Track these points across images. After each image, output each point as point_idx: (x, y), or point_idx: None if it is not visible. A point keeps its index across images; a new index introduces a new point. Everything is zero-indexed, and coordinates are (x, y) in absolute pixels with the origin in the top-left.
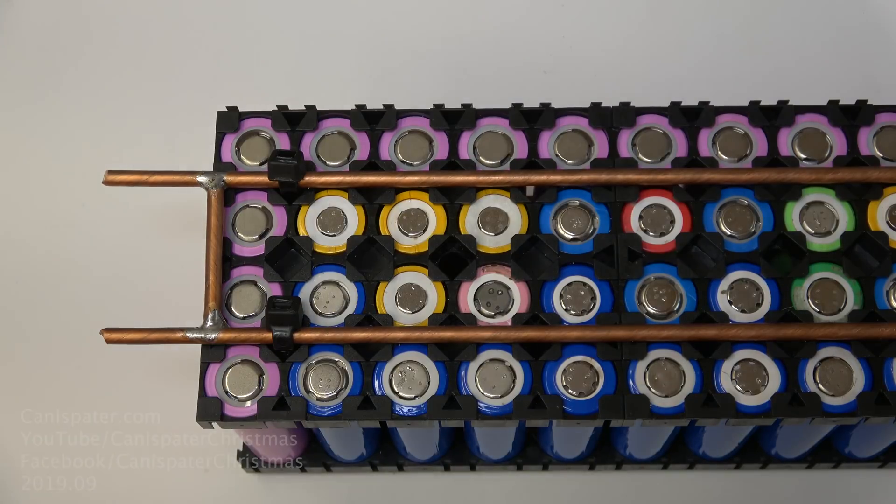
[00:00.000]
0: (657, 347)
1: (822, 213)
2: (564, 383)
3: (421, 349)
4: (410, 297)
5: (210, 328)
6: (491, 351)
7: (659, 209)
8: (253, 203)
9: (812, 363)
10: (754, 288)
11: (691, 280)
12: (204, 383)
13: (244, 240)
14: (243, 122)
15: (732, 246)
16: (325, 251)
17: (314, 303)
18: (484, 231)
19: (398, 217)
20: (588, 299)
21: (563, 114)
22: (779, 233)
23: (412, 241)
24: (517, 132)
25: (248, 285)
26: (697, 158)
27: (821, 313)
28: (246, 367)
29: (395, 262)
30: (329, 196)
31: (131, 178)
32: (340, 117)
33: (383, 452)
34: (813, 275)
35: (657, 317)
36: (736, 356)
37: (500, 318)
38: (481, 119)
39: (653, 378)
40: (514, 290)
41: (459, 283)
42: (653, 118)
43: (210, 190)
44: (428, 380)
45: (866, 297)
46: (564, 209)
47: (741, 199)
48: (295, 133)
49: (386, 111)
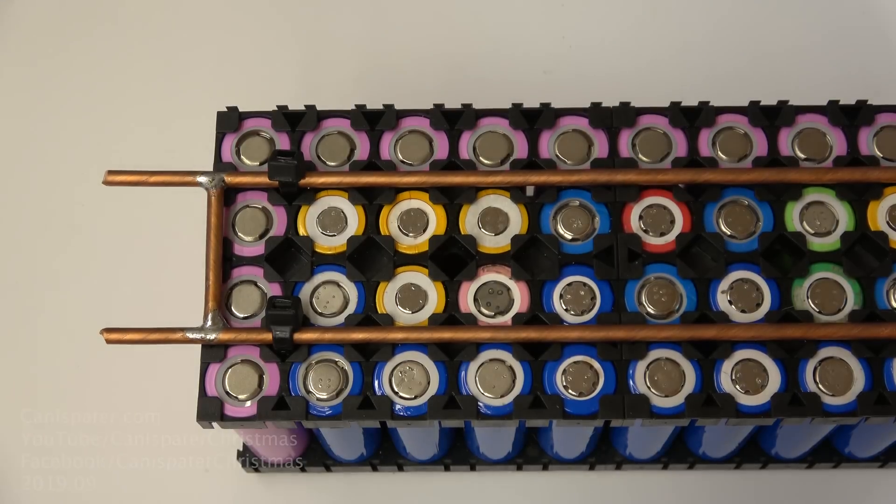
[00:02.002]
0: (657, 347)
1: (822, 213)
2: (564, 383)
3: (421, 349)
4: (410, 297)
5: (210, 328)
6: (491, 351)
7: (659, 209)
8: (253, 203)
9: (812, 363)
10: (754, 288)
11: (691, 280)
12: (204, 383)
13: (244, 240)
14: (243, 122)
15: (732, 246)
16: (325, 251)
17: (314, 303)
18: (484, 231)
19: (398, 217)
20: (588, 299)
21: (563, 114)
22: (779, 233)
23: (412, 240)
24: (517, 132)
25: (248, 285)
26: (697, 158)
27: (821, 313)
28: (246, 367)
29: (395, 262)
30: (329, 196)
31: (131, 178)
32: (340, 117)
33: (383, 452)
34: (813, 275)
35: (657, 317)
36: (736, 356)
37: (500, 317)
38: (481, 119)
39: (653, 378)
40: (514, 290)
41: (459, 283)
42: (653, 118)
43: (210, 190)
44: (428, 380)
45: (866, 297)
46: (564, 209)
47: (741, 199)
48: (295, 133)
49: (386, 111)
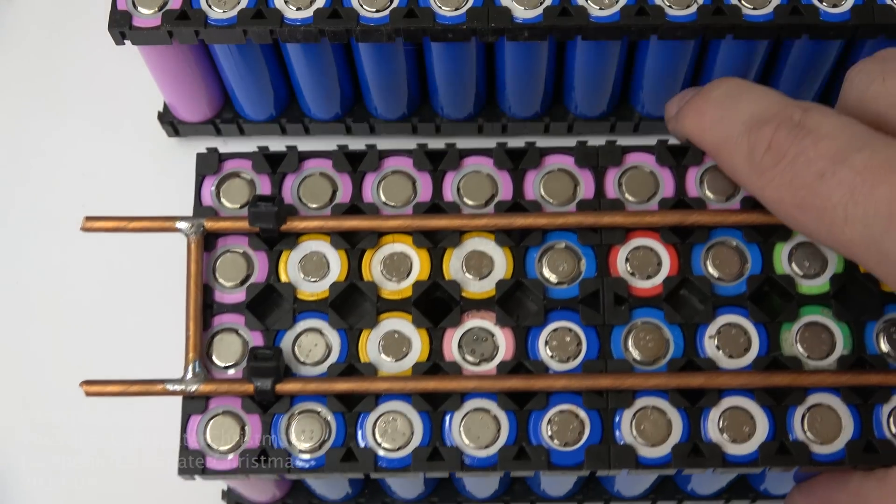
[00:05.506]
0: (644, 395)
1: (811, 255)
2: (550, 433)
3: (405, 399)
4: (394, 345)
5: (190, 380)
6: (476, 400)
7: (646, 251)
8: (234, 248)
9: (801, 410)
10: (742, 332)
11: (678, 325)
12: (185, 435)
13: (225, 286)
14: (223, 164)
15: (720, 289)
16: (307, 297)
17: (296, 351)
18: (468, 275)
19: (381, 261)
20: (574, 345)
21: (548, 152)
22: (767, 275)
23: (395, 286)
24: (501, 172)
25: (229, 333)
26: (685, 199)
27: (809, 358)
28: (227, 419)
29: (378, 308)
30: (311, 240)
31: (110, 224)
32: (322, 158)
33: (369, 492)
34: (802, 318)
35: (644, 363)
36: (723, 403)
37: (484, 365)
38: (465, 158)
39: (639, 427)
40: (498, 337)
41: (444, 330)
42: (640, 156)
43: (189, 237)
44: (412, 430)
45: (856, 341)
46: (550, 251)
47: (729, 241)
48: (276, 175)
49: (368, 151)
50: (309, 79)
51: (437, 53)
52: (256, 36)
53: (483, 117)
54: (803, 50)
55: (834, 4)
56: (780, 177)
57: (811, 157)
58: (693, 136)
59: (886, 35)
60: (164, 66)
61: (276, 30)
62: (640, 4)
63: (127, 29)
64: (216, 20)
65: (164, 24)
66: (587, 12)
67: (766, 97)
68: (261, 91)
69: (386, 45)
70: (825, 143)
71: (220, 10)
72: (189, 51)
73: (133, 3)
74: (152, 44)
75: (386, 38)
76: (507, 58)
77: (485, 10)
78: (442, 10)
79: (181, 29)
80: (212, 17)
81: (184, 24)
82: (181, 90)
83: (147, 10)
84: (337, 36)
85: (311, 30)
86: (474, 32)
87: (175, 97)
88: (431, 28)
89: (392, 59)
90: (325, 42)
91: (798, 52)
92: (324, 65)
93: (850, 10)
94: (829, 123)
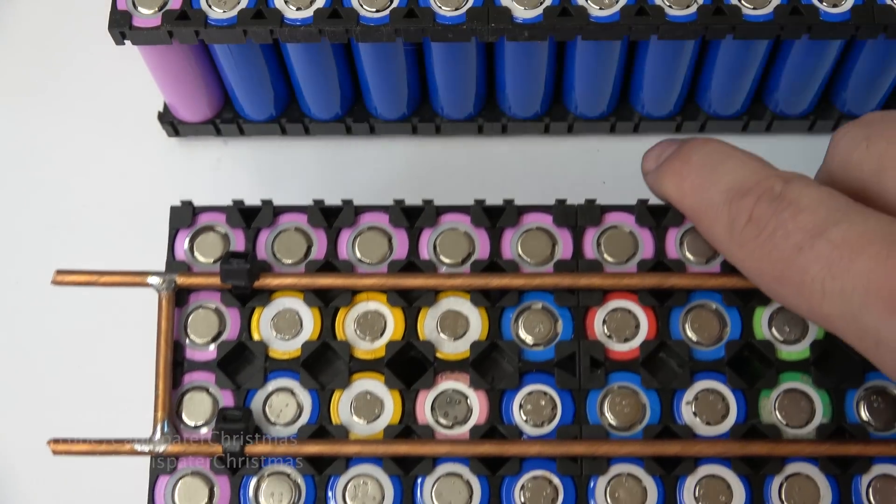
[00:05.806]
0: (619, 462)
1: (791, 320)
2: (523, 500)
3: (376, 462)
4: (366, 406)
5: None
6: (448, 465)
7: (624, 313)
8: (206, 304)
9: (778, 479)
10: (720, 399)
11: (655, 390)
12: (153, 496)
13: (196, 343)
14: (197, 217)
15: (699, 353)
16: (279, 356)
17: (267, 412)
18: (443, 336)
19: (355, 320)
20: (549, 409)
21: (526, 211)
22: (746, 340)
23: (369, 345)
24: (479, 230)
25: (199, 392)
26: (664, 260)
27: (788, 426)
28: (196, 480)
29: (350, 368)
30: (284, 297)
31: (81, 278)
32: (297, 212)
33: None
34: (781, 385)
35: (619, 429)
36: (700, 471)
37: (458, 428)
38: (442, 215)
39: (614, 495)
40: (472, 399)
41: (417, 392)
42: (619, 216)
43: (161, 292)
44: (382, 495)
45: (835, 409)
46: (527, 312)
47: (709, 304)
48: (250, 230)
49: (344, 207)
50: (309, 79)
51: (437, 53)
52: (256, 36)
53: (483, 117)
54: (803, 50)
55: (834, 4)
56: (759, 249)
57: (790, 230)
58: (672, 199)
59: (886, 35)
60: (164, 66)
61: (276, 30)
62: (640, 4)
63: (127, 29)
64: (216, 20)
65: (164, 24)
66: (587, 12)
67: (747, 165)
68: (261, 91)
69: (386, 45)
70: (804, 216)
71: (220, 10)
72: (189, 51)
73: (133, 3)
74: (152, 44)
75: (386, 38)
76: (507, 58)
77: (485, 10)
78: (442, 10)
79: (181, 29)
80: (212, 17)
81: (184, 24)
82: (181, 90)
83: (147, 10)
84: (337, 36)
85: (311, 30)
86: (474, 32)
87: (175, 97)
88: (431, 28)
89: (392, 59)
90: (325, 42)
91: (798, 52)
92: (324, 65)
93: (850, 10)
94: (809, 195)
